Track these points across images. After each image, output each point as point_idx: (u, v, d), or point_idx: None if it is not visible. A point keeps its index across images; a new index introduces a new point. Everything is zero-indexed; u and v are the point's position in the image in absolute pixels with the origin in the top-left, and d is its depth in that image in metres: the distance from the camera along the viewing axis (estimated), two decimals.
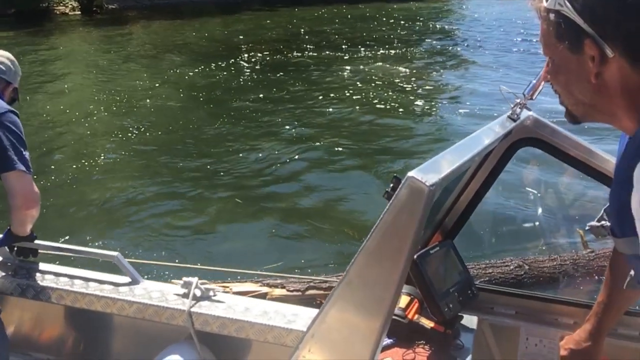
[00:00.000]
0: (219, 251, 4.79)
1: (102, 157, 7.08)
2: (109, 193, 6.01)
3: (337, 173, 6.64)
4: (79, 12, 23.96)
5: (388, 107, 9.39)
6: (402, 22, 20.02)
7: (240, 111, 9.25)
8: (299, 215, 5.54)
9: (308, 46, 15.23)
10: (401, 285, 1.06)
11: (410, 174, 0.99)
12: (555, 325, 1.80)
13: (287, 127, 8.37)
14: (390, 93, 10.24)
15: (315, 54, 14.18)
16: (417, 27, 19.09)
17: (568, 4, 0.90)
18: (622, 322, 1.65)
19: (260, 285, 3.54)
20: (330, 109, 9.28)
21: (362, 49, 14.58)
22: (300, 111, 9.24)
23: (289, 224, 5.35)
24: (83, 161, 6.87)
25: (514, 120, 1.50)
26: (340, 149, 7.35)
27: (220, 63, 12.97)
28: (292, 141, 7.75)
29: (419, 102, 9.67)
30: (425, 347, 1.71)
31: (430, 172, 1.02)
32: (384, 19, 20.83)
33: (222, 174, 6.60)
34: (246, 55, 14.13)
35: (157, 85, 11.15)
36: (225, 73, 12.25)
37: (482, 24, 19.26)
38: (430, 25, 19.68)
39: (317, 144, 7.61)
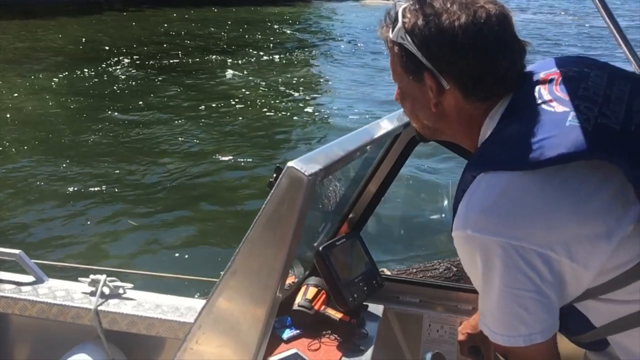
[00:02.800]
0: (130, 256, 4.74)
1: None
2: None
3: (231, 173, 6.64)
4: None
5: (273, 111, 9.39)
6: (275, 26, 20.07)
7: (118, 119, 8.73)
8: (199, 220, 5.55)
9: (183, 50, 14.71)
10: (286, 273, 1.09)
11: (289, 163, 1.02)
12: (455, 311, 1.89)
13: (172, 133, 8.10)
14: (274, 97, 10.27)
15: (191, 59, 13.75)
16: (292, 32, 19.25)
17: (409, 38, 0.99)
18: None
19: None
20: (214, 115, 9.14)
21: (240, 53, 14.43)
22: (182, 118, 8.90)
23: (191, 228, 5.35)
24: None
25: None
26: (230, 152, 7.29)
27: (88, 68, 12.04)
28: (179, 147, 7.53)
29: (303, 104, 9.84)
30: (331, 337, 1.74)
31: (311, 162, 1.05)
32: (258, 23, 20.70)
33: (114, 185, 6.24)
34: (117, 59, 13.22)
35: (16, 94, 9.93)
36: (96, 79, 11.33)
37: (354, 29, 19.74)
38: (305, 30, 19.97)
39: (208, 149, 7.47)
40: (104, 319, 1.89)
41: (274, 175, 1.06)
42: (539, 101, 0.95)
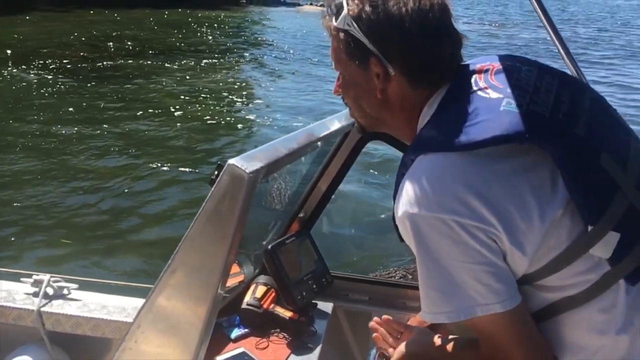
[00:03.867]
0: (70, 265, 4.61)
1: None
2: None
3: (167, 178, 6.56)
4: None
5: (209, 116, 9.31)
6: (210, 30, 19.90)
7: (50, 126, 8.35)
8: (137, 230, 5.44)
9: (114, 54, 14.36)
10: (227, 270, 1.09)
11: (230, 161, 1.02)
12: (404, 308, 1.92)
13: (102, 140, 7.87)
14: (210, 102, 10.21)
15: (123, 62, 13.42)
16: (227, 36, 19.19)
17: (355, 24, 1.00)
18: None
19: None
20: (148, 119, 8.96)
21: (174, 57, 14.28)
22: (115, 123, 8.68)
23: (131, 236, 5.26)
24: None
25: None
26: (166, 158, 7.19)
27: (11, 71, 11.52)
28: (112, 155, 7.32)
29: (240, 109, 9.87)
30: (280, 335, 1.75)
31: (252, 160, 1.05)
32: (193, 26, 20.42)
33: (49, 198, 5.98)
34: (43, 62, 12.70)
35: None
36: (24, 83, 10.85)
37: (290, 35, 19.88)
38: (241, 34, 19.95)
39: (144, 156, 7.31)
40: (47, 320, 1.84)
41: (215, 172, 1.05)
42: (475, 88, 0.99)
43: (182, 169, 6.87)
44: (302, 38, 18.80)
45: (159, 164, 6.93)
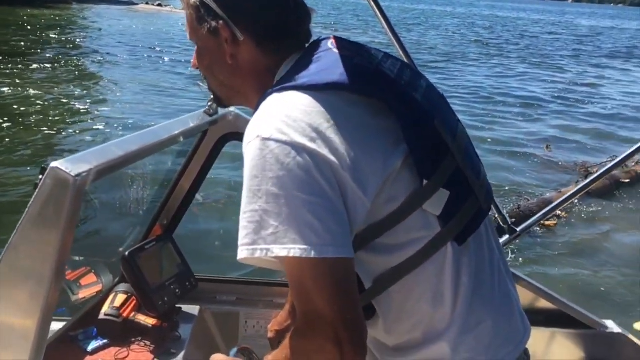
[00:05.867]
0: None
1: None
2: None
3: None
4: None
5: (42, 121, 8.65)
6: (35, 30, 18.62)
7: None
8: None
9: None
10: (59, 278, 1.03)
11: (53, 164, 0.98)
12: (271, 306, 1.94)
13: None
14: (43, 107, 9.50)
15: None
16: (55, 37, 18.01)
17: None
18: None
19: None
20: None
21: None
22: None
23: None
24: None
25: (211, 115, 1.58)
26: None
27: None
28: None
29: (75, 114, 9.34)
30: (142, 343, 1.70)
31: (79, 162, 1.01)
32: (15, 26, 19.01)
33: None
34: None
35: None
36: None
37: (124, 35, 19.28)
38: (70, 35, 18.84)
39: None
40: None
41: (40, 176, 1.00)
42: (329, 47, 1.04)
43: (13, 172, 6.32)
44: (138, 38, 18.19)
45: None
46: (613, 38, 34.37)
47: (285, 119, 0.90)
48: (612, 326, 2.05)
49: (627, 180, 7.60)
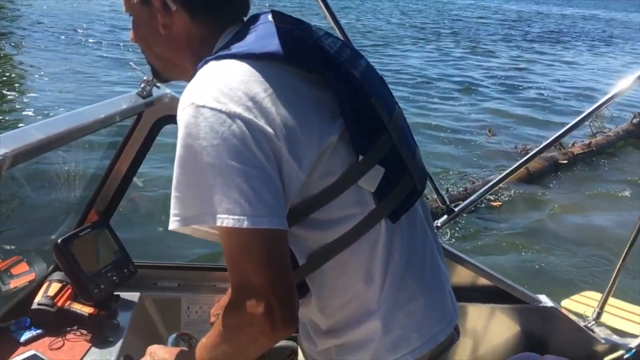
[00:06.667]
0: None
1: None
2: None
3: None
4: None
5: None
6: None
7: None
8: None
9: None
10: None
11: None
12: (213, 291, 1.93)
13: None
14: None
15: None
16: None
17: None
18: None
19: None
20: None
21: None
22: None
23: None
24: None
25: (144, 97, 1.54)
26: None
27: None
28: None
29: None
30: (77, 332, 1.65)
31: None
32: None
33: None
34: None
35: None
36: None
37: (50, 17, 18.35)
38: None
39: None
40: None
41: None
42: (268, 20, 1.02)
43: None
44: (66, 20, 17.27)
45: None
46: (540, 22, 35.44)
47: (221, 87, 0.88)
48: (545, 300, 2.14)
49: (565, 162, 7.93)
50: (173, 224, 0.89)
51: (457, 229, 5.84)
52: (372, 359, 1.03)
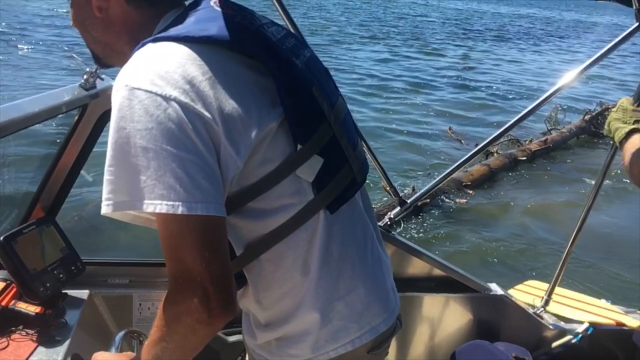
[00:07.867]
0: None
1: None
2: None
3: None
4: None
5: None
6: None
7: None
8: None
9: None
10: None
11: None
12: (166, 287, 1.89)
13: None
14: None
15: None
16: None
17: None
18: None
19: None
20: None
21: None
22: None
23: None
24: None
25: (87, 90, 1.49)
26: None
27: None
28: None
29: None
30: (23, 332, 1.60)
31: None
32: None
33: None
34: None
35: None
36: None
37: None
38: None
39: None
40: None
41: None
42: (210, 5, 1.00)
43: None
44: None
45: None
46: (480, 21, 36.13)
47: (157, 70, 0.86)
48: (495, 289, 2.20)
49: (524, 158, 8.16)
50: (105, 209, 0.86)
51: (419, 221, 5.95)
52: (311, 350, 1.03)
